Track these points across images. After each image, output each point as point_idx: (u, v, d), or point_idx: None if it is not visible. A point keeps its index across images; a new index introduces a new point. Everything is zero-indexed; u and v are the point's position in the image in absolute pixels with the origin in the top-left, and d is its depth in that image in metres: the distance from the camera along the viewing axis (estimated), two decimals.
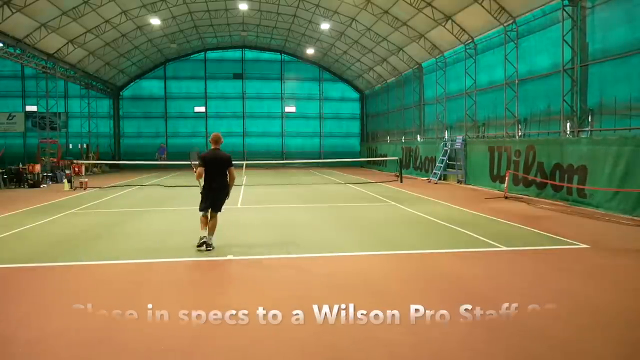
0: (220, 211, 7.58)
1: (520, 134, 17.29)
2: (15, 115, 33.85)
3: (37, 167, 21.41)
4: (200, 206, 7.57)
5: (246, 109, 38.99)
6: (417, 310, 4.80)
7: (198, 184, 7.63)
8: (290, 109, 39.59)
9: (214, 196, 7.43)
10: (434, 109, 25.03)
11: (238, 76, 38.90)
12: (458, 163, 20.37)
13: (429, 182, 21.43)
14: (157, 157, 35.47)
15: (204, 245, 7.34)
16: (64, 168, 23.95)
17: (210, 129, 38.44)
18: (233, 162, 7.51)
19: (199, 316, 4.66)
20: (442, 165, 21.23)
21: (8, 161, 24.49)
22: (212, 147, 7.49)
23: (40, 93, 27.51)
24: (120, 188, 19.30)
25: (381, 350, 3.86)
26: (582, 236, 8.42)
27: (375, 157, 33.53)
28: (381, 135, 35.02)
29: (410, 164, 26.58)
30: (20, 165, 21.24)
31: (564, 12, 14.59)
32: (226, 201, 7.67)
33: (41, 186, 20.13)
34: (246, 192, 16.76)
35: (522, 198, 14.45)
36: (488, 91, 19.90)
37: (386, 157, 30.20)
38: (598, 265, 6.58)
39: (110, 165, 33.77)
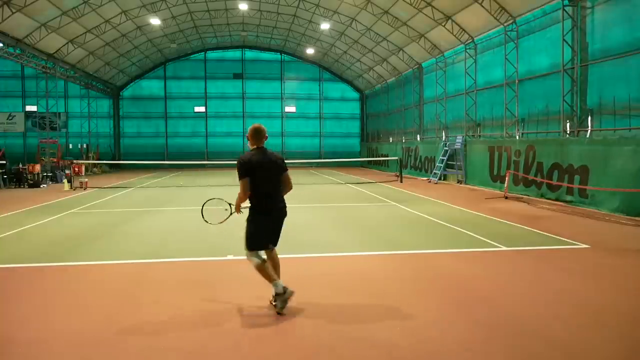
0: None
1: (519, 134, 17.29)
2: (15, 115, 33.87)
3: (37, 167, 21.42)
4: (250, 243, 4.78)
5: (246, 109, 38.99)
6: (416, 310, 4.81)
7: (236, 206, 4.93)
8: (290, 109, 39.60)
9: (275, 220, 4.87)
10: (433, 109, 25.03)
11: (238, 76, 38.91)
12: (458, 163, 20.37)
13: (429, 182, 21.43)
14: None
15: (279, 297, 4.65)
16: (64, 168, 23.95)
17: (210, 129, 38.47)
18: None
19: (199, 316, 4.66)
20: (442, 165, 21.23)
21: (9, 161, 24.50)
22: (255, 147, 4.87)
23: (40, 93, 27.53)
24: (120, 188, 19.31)
25: (381, 350, 3.86)
26: (582, 236, 8.42)
27: (376, 157, 33.54)
28: (381, 135, 35.03)
29: (410, 164, 26.59)
30: (20, 166, 21.24)
31: (564, 12, 14.60)
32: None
33: (41, 186, 20.14)
34: None
35: (522, 198, 14.44)
36: (488, 91, 19.89)
37: (386, 157, 30.20)
38: (598, 265, 6.58)
39: (110, 165, 33.79)
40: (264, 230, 4.77)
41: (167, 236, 8.85)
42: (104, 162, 32.32)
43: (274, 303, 4.70)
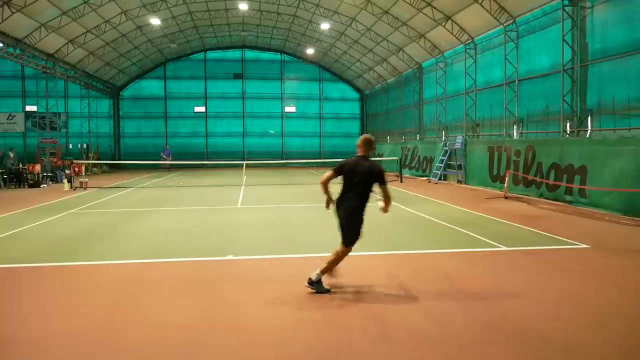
0: (348, 245, 5.68)
1: (516, 134, 17.30)
2: (15, 115, 33.84)
3: (37, 167, 21.41)
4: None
5: (246, 109, 38.97)
6: (416, 310, 4.81)
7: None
8: (290, 109, 39.58)
9: (340, 217, 5.93)
10: (433, 109, 25.04)
11: (238, 76, 38.87)
12: (458, 163, 20.38)
13: (429, 182, 21.43)
14: (164, 157, 34.46)
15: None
16: (64, 168, 23.94)
17: (210, 129, 38.47)
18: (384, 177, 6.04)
19: (199, 316, 4.66)
20: (442, 165, 21.23)
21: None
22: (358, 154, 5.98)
23: (40, 93, 27.52)
24: (120, 188, 19.30)
25: (380, 350, 3.86)
26: (582, 236, 8.42)
27: (375, 157, 33.51)
28: (381, 135, 35.03)
29: (410, 164, 26.58)
30: (20, 165, 21.24)
31: (564, 12, 14.60)
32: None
33: (41, 186, 20.14)
34: (246, 192, 16.77)
35: (522, 198, 14.44)
36: (487, 91, 19.90)
37: (386, 157, 30.20)
38: (598, 265, 6.58)
39: (110, 165, 33.77)
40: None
41: (167, 236, 8.85)
42: (104, 162, 32.29)
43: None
